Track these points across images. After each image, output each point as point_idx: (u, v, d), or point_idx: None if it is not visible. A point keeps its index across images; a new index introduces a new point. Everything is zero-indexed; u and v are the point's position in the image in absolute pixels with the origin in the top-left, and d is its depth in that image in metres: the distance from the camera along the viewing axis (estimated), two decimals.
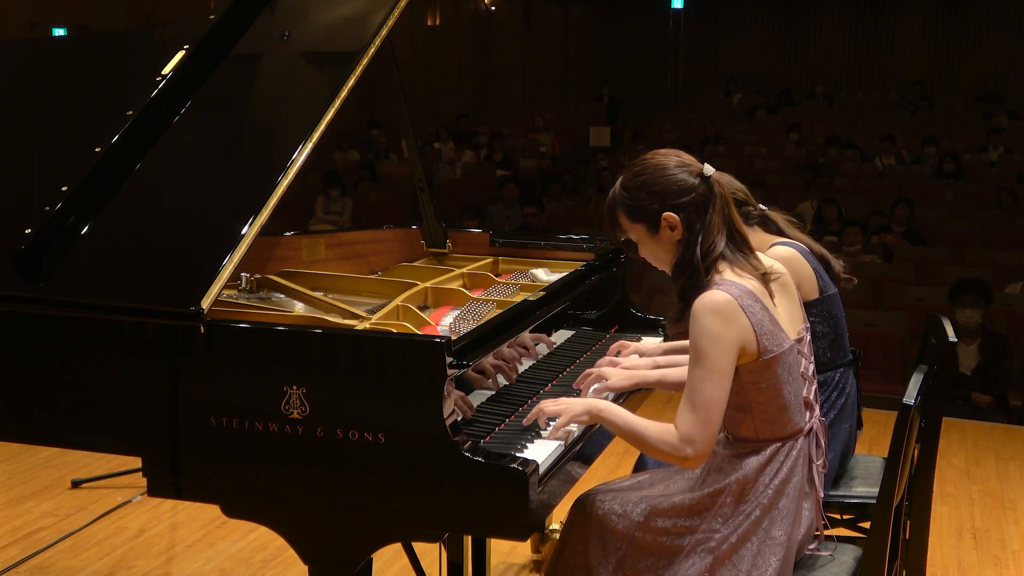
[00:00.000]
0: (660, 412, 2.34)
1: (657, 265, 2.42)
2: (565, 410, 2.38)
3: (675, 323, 2.35)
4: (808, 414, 2.39)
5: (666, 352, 2.91)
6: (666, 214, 2.31)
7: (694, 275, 2.28)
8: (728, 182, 3.00)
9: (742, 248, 2.32)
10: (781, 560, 2.29)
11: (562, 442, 2.40)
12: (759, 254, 2.40)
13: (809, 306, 2.98)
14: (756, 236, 3.04)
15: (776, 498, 2.31)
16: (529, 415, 2.44)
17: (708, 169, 2.33)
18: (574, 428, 2.47)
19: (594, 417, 2.38)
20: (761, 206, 3.09)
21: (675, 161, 2.34)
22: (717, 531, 2.31)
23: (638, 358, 2.89)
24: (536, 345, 2.94)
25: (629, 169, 2.39)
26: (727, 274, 2.27)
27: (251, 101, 3.02)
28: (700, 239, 2.28)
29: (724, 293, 2.22)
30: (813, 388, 2.44)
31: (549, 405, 2.41)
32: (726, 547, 2.29)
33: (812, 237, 3.14)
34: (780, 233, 3.07)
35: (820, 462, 2.42)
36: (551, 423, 2.42)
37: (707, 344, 2.20)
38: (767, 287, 2.32)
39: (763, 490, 2.31)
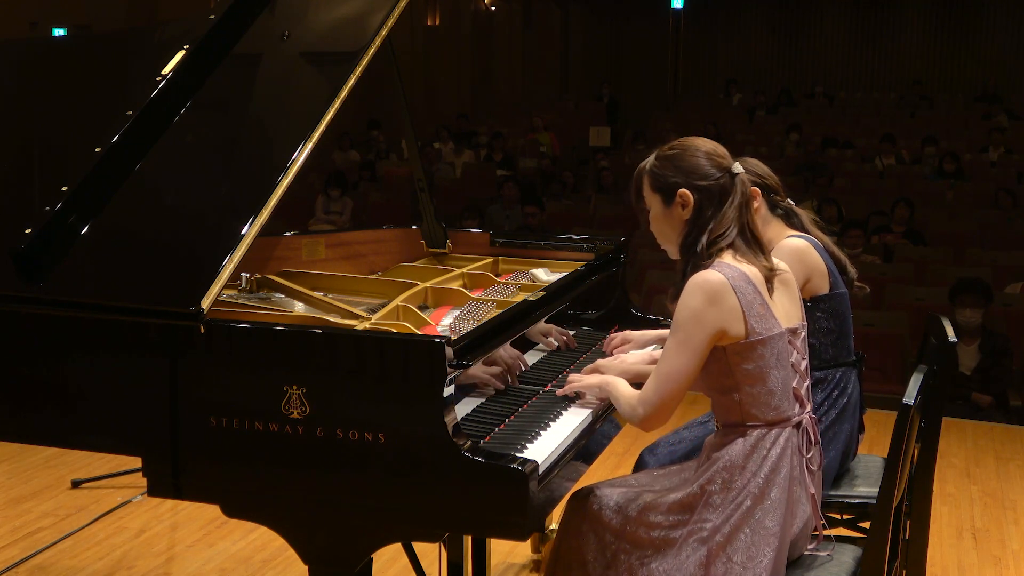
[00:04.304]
0: None
1: (661, 243, 2.51)
2: (589, 382, 2.63)
3: (674, 300, 2.42)
4: (797, 407, 2.42)
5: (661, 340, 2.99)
6: (682, 190, 2.39)
7: (696, 256, 2.36)
8: (764, 170, 3.04)
9: (752, 247, 2.39)
10: (775, 551, 2.30)
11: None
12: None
13: (818, 300, 2.99)
14: (776, 228, 3.06)
15: (767, 488, 2.33)
16: (563, 388, 2.65)
17: (737, 167, 2.41)
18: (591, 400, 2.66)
19: (603, 391, 2.56)
20: (789, 200, 3.10)
21: (709, 148, 2.43)
22: (708, 520, 2.33)
23: (638, 352, 2.95)
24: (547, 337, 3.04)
25: (667, 143, 2.49)
26: (726, 258, 2.34)
27: (251, 101, 3.02)
28: (710, 227, 2.36)
29: (718, 273, 2.30)
30: (805, 384, 2.47)
31: (576, 376, 2.68)
32: (720, 538, 2.30)
33: None
34: (802, 230, 3.08)
35: (810, 455, 2.44)
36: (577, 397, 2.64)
37: (685, 318, 2.30)
38: (768, 282, 2.38)
39: (751, 478, 2.33)
